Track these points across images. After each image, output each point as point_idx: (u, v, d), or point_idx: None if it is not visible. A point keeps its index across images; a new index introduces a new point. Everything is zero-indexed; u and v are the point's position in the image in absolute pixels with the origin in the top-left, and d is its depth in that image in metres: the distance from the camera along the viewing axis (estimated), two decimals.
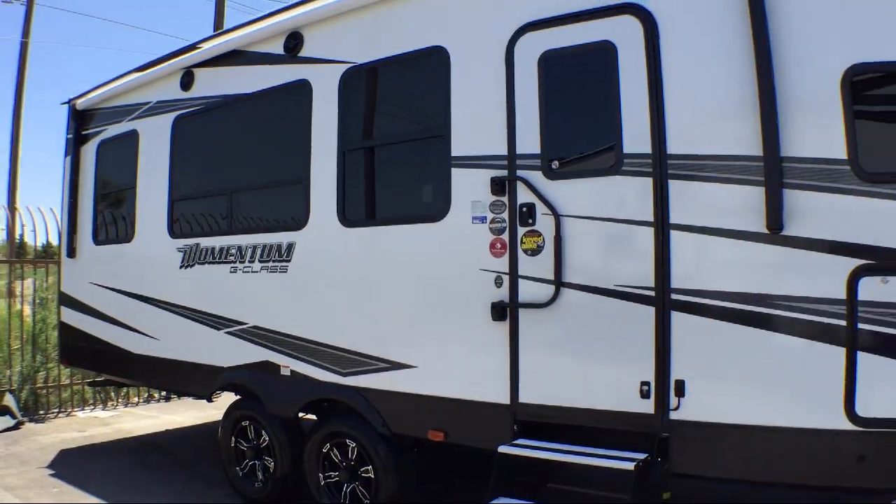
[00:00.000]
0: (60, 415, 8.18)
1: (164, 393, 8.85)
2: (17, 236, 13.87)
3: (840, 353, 2.95)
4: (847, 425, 2.95)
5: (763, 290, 3.07)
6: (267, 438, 4.92)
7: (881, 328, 2.90)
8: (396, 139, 4.28)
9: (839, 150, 2.97)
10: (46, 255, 11.45)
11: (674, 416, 3.24)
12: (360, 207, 4.39)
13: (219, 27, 15.07)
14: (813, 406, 3.02)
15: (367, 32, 4.36)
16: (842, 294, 2.94)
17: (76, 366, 7.11)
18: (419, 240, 4.03)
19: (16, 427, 7.42)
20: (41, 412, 8.10)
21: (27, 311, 8.50)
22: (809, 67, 3.05)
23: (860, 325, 2.93)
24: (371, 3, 4.32)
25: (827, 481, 3.10)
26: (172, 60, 5.69)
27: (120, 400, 8.86)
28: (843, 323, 2.94)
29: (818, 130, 3.03)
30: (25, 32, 15.95)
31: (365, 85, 4.40)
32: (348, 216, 4.39)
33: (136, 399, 8.97)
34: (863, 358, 2.93)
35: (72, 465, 6.11)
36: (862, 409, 2.93)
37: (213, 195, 5.35)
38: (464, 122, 3.87)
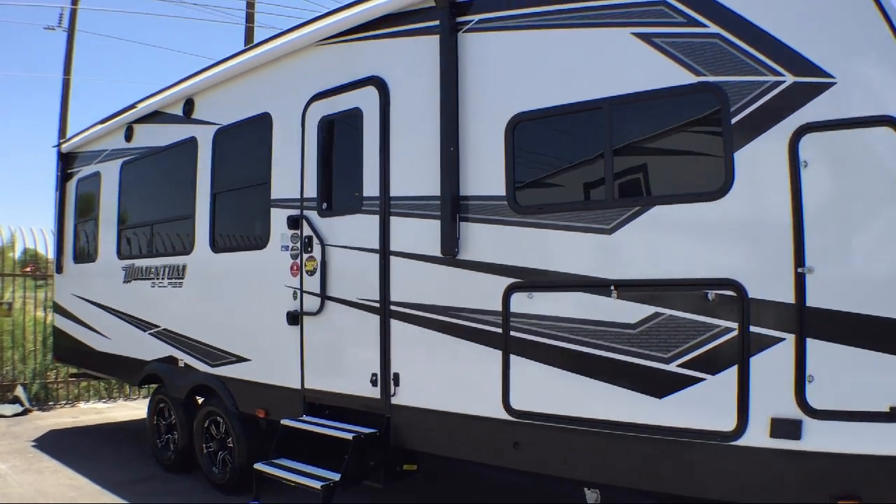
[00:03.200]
0: (67, 405, 9.81)
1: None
2: None
3: (499, 355, 3.65)
4: (504, 415, 3.62)
5: (446, 303, 3.93)
6: (174, 417, 6.21)
7: (528, 336, 3.55)
8: (243, 185, 5.48)
9: (500, 188, 3.68)
10: None
11: (394, 401, 4.21)
12: (221, 237, 5.63)
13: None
14: (482, 398, 3.70)
15: (229, 100, 5.62)
16: (499, 307, 3.68)
17: (65, 362, 8.68)
18: (252, 264, 5.24)
19: (23, 413, 9.07)
20: (50, 403, 9.76)
21: (41, 316, 10.20)
22: (484, 120, 3.77)
23: (512, 333, 3.59)
24: (231, 77, 5.58)
25: (495, 462, 3.77)
26: (120, 116, 7.13)
27: (125, 394, 10.43)
28: (500, 331, 3.65)
29: (487, 172, 3.72)
30: (67, 68, 15.15)
31: (226, 142, 5.63)
32: (216, 244, 5.64)
33: (136, 395, 10.51)
34: (514, 360, 3.60)
35: (54, 441, 7.61)
36: (515, 402, 3.61)
37: (143, 226, 6.75)
38: (279, 172, 5.05)
